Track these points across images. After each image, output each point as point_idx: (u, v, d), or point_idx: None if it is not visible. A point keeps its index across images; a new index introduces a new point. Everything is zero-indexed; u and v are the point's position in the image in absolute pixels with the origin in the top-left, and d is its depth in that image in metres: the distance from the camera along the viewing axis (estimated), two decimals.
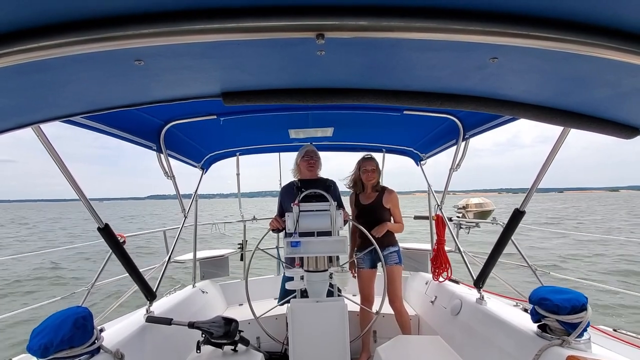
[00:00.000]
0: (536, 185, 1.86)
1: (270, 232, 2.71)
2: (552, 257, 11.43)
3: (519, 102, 1.20)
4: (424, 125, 2.64)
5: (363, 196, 2.97)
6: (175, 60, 0.91)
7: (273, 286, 3.59)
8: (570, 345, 1.49)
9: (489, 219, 3.93)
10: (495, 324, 1.98)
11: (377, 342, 2.94)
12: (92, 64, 0.85)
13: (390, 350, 2.21)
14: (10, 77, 0.83)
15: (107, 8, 0.63)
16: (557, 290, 1.63)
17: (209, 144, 2.96)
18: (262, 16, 0.66)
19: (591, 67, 0.86)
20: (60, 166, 1.59)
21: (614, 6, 0.62)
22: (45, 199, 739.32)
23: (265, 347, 2.83)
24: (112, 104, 1.22)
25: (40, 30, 0.64)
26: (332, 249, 2.21)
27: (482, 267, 2.25)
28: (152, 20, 0.65)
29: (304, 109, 2.11)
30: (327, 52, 0.87)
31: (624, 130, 1.16)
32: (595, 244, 13.74)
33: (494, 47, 0.81)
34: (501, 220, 3.04)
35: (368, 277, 2.88)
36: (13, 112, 1.07)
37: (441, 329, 2.55)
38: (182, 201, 2.86)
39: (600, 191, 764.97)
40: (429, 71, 1.03)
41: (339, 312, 2.09)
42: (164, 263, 2.75)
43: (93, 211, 1.76)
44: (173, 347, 2.15)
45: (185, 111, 2.07)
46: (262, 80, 1.12)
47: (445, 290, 2.77)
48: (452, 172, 2.68)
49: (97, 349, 1.50)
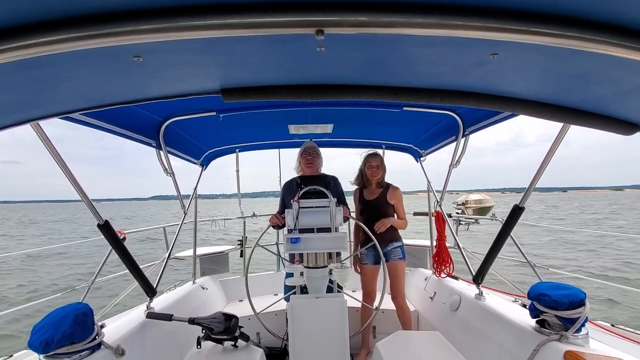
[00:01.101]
0: (535, 182, 1.86)
1: (270, 229, 2.71)
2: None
3: (519, 98, 1.19)
4: (424, 122, 2.63)
5: (367, 192, 2.97)
6: (174, 56, 0.90)
7: (273, 282, 3.61)
8: (568, 340, 1.50)
9: (488, 215, 3.94)
10: (494, 320, 2.00)
11: (377, 337, 2.95)
12: (91, 60, 0.84)
13: (389, 345, 2.22)
14: (8, 73, 0.83)
15: (105, 4, 0.62)
16: (555, 286, 1.64)
17: (208, 141, 2.96)
18: (262, 12, 0.65)
19: (593, 64, 0.86)
20: (59, 164, 1.59)
21: (615, 2, 0.61)
22: (49, 199, 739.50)
23: (265, 342, 2.85)
24: (111, 101, 1.21)
25: (39, 26, 0.64)
26: (331, 245, 2.21)
27: (481, 263, 2.26)
28: (151, 17, 0.64)
29: (304, 106, 2.11)
30: (326, 48, 0.87)
31: (624, 126, 1.16)
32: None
33: (494, 43, 0.81)
34: (501, 218, 3.05)
35: (371, 272, 2.89)
36: (12, 108, 1.07)
37: (440, 324, 2.57)
38: (182, 198, 2.86)
39: (604, 190, 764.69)
40: (429, 67, 1.03)
41: (338, 308, 2.10)
42: (164, 259, 2.75)
43: (93, 208, 1.76)
44: (173, 343, 2.16)
45: (184, 108, 2.06)
46: (261, 76, 1.12)
47: (444, 286, 2.79)
48: (452, 169, 2.69)
49: (98, 344, 1.51)
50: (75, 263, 11.80)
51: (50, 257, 12.83)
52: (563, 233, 16.04)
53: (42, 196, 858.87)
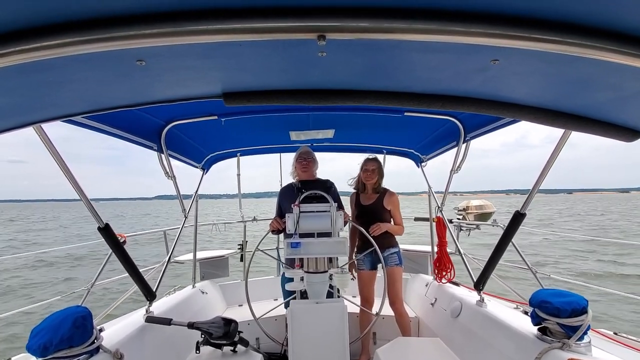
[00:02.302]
0: (537, 187, 1.86)
1: (270, 233, 2.71)
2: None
3: (520, 104, 1.19)
4: (425, 127, 2.63)
5: (364, 197, 2.97)
6: (177, 60, 0.91)
7: (273, 287, 3.59)
8: (571, 348, 1.49)
9: (489, 221, 3.92)
10: (495, 327, 1.98)
11: (377, 344, 2.93)
12: (94, 64, 0.85)
13: (389, 352, 2.20)
14: (11, 77, 0.83)
15: (108, 8, 0.63)
16: (557, 293, 1.62)
17: (209, 145, 2.97)
18: (264, 17, 0.66)
19: (594, 70, 0.86)
20: (60, 165, 1.59)
21: (616, 9, 0.61)
22: (56, 198, 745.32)
23: (264, 347, 2.83)
24: (114, 104, 1.22)
25: (42, 30, 0.64)
26: (332, 250, 2.20)
27: (482, 269, 2.24)
28: (154, 21, 0.65)
29: (305, 110, 2.12)
30: (328, 53, 0.87)
31: (625, 133, 1.16)
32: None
33: (495, 49, 0.81)
34: (502, 223, 3.03)
35: (368, 278, 2.87)
36: (14, 111, 1.07)
37: (441, 331, 2.55)
38: (183, 201, 2.86)
39: (611, 192, 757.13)
40: (430, 73, 1.03)
41: (338, 314, 2.09)
42: (164, 263, 2.75)
43: (93, 211, 1.76)
44: (172, 348, 2.15)
45: (186, 111, 2.07)
46: (263, 81, 1.12)
47: (445, 292, 2.77)
48: (453, 174, 2.68)
49: (97, 348, 1.50)
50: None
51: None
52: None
53: (49, 195, 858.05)
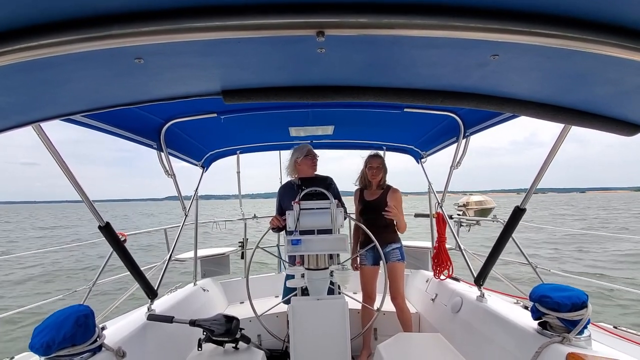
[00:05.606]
0: (536, 184, 1.86)
1: (270, 231, 2.71)
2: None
3: (520, 99, 1.19)
4: (425, 123, 2.63)
5: (368, 193, 2.97)
6: (176, 58, 0.90)
7: (274, 284, 3.60)
8: (571, 342, 1.49)
9: (489, 216, 3.93)
10: (495, 322, 1.99)
11: (378, 339, 2.94)
12: (92, 62, 0.85)
13: (390, 347, 2.21)
14: (10, 75, 0.83)
15: (107, 6, 0.63)
16: (557, 288, 1.63)
17: (209, 142, 2.96)
18: (263, 14, 0.65)
19: (593, 65, 0.85)
20: (60, 165, 1.59)
21: (616, 3, 0.61)
22: (68, 199, 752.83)
23: (266, 344, 2.84)
24: (113, 103, 1.21)
25: (41, 29, 0.64)
26: (332, 247, 2.21)
27: (482, 264, 2.25)
28: (152, 18, 0.65)
29: (305, 107, 2.11)
30: (327, 50, 0.87)
31: (625, 127, 1.15)
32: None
33: (494, 45, 0.81)
34: (502, 219, 3.03)
35: (370, 274, 2.88)
36: (13, 110, 1.07)
37: (442, 326, 2.56)
38: (183, 200, 2.86)
39: (624, 191, 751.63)
40: (430, 69, 1.03)
41: (339, 310, 2.10)
42: (165, 261, 2.75)
43: (94, 209, 1.77)
44: (174, 345, 2.16)
45: (185, 109, 2.07)
46: (262, 78, 1.12)
47: (445, 287, 2.78)
48: (453, 170, 2.69)
49: (99, 347, 1.51)
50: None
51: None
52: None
53: (60, 197, 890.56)
